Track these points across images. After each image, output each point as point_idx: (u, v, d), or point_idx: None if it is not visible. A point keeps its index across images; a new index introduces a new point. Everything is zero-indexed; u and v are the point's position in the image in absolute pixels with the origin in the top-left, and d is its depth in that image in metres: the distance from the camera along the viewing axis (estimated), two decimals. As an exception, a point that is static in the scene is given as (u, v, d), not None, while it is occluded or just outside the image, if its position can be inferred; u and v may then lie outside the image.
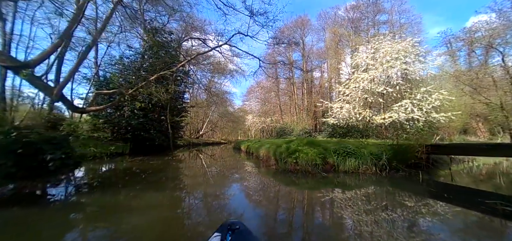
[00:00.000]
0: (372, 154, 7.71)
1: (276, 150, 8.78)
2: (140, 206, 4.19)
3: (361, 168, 7.19)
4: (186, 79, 18.87)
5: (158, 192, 5.27)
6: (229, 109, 42.48)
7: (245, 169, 9.06)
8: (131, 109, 14.04)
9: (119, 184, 6.08)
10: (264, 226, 3.41)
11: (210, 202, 4.69)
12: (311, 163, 7.35)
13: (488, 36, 19.21)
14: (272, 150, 9.11)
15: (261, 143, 12.84)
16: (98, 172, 8.00)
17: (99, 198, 4.69)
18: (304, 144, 8.30)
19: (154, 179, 6.62)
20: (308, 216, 3.87)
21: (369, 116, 17.52)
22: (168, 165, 9.14)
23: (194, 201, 4.87)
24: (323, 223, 3.61)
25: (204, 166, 9.89)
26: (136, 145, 14.10)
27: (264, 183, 6.58)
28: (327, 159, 7.78)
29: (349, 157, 7.68)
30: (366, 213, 3.74)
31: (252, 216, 3.82)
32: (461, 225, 3.41)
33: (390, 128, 19.08)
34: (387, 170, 7.04)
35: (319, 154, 7.74)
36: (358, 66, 19.59)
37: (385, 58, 16.55)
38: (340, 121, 19.60)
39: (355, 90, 18.25)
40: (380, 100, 17.57)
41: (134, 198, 4.74)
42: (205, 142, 33.52)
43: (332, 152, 7.91)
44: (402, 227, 3.24)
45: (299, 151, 7.77)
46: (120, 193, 5.10)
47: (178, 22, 23.22)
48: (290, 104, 40.19)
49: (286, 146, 8.38)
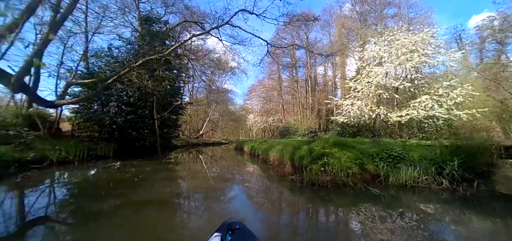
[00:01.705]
0: (425, 159, 5.48)
1: (293, 153, 6.51)
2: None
3: (421, 179, 4.91)
4: (181, 65, 16.52)
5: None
6: (230, 108, 40.22)
7: (253, 179, 6.80)
8: (118, 104, 11.76)
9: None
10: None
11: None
12: (346, 172, 5.11)
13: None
14: (288, 154, 6.83)
15: (270, 143, 10.56)
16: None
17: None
18: (331, 145, 6.06)
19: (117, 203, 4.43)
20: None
21: (384, 113, 15.27)
22: (152, 175, 6.90)
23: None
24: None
25: (201, 172, 7.65)
26: (123, 146, 11.83)
27: (289, 208, 4.32)
28: (365, 166, 5.54)
29: (396, 163, 5.45)
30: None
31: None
32: None
33: (404, 127, 17.04)
34: (457, 183, 4.78)
35: (355, 159, 5.49)
36: (370, 60, 17.38)
37: (401, 51, 14.39)
38: (350, 119, 17.41)
39: (367, 85, 16.03)
40: (395, 96, 15.42)
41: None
42: (205, 142, 31.20)
43: (372, 157, 5.67)
44: None
45: (327, 155, 5.52)
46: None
47: (176, 14, 21.03)
48: (293, 102, 37.88)
49: (307, 149, 6.11)
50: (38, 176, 6.16)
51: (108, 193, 4.73)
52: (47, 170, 7.01)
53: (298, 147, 6.64)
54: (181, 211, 3.94)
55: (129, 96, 12.11)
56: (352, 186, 4.81)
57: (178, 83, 16.99)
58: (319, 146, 6.11)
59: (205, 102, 32.82)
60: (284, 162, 7.05)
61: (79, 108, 12.29)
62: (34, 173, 6.34)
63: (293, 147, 6.89)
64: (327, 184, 4.98)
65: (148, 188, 5.00)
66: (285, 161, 7.01)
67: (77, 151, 8.67)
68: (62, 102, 8.28)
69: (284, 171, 6.56)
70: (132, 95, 12.14)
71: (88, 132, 12.84)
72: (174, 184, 5.83)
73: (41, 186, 5.27)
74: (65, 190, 5.21)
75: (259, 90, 41.83)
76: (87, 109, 11.91)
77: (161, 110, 14.97)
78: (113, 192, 4.79)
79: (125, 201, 4.15)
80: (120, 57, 13.47)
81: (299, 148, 6.41)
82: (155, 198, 4.39)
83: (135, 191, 4.72)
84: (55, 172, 7.07)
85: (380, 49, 15.98)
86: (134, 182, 5.54)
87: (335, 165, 5.24)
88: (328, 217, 3.62)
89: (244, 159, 12.38)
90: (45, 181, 5.91)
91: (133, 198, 4.31)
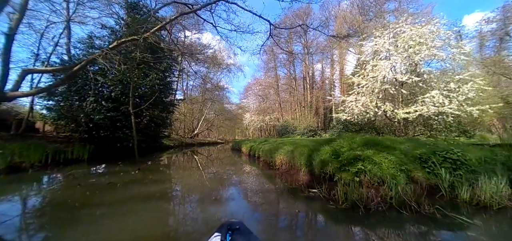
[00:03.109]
0: (488, 162, 3.92)
1: (310, 156, 4.83)
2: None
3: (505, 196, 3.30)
4: (171, 58, 14.63)
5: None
6: (226, 106, 38.40)
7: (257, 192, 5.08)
8: (97, 99, 9.88)
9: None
10: None
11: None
12: (391, 184, 3.48)
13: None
14: (302, 157, 5.13)
15: (273, 143, 8.83)
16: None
17: None
18: (361, 145, 4.44)
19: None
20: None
21: (390, 110, 13.84)
22: (108, 193, 4.45)
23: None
24: None
25: (188, 181, 5.93)
26: (103, 147, 9.97)
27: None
28: (412, 175, 3.92)
29: (454, 169, 3.86)
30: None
31: None
32: None
33: (410, 124, 15.10)
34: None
35: (399, 164, 3.88)
36: (374, 55, 15.98)
37: (408, 43, 13.07)
38: (354, 117, 15.97)
39: (372, 80, 14.60)
40: (402, 91, 14.08)
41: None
42: (200, 142, 29.30)
43: (421, 161, 4.06)
44: None
45: (360, 160, 3.90)
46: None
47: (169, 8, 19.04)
48: (291, 100, 36.26)
49: (330, 150, 4.44)
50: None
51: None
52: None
53: (315, 148, 4.97)
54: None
55: (109, 90, 10.25)
56: (416, 209, 3.09)
57: (169, 77, 15.10)
58: (345, 146, 4.46)
59: (200, 100, 30.91)
60: (296, 168, 5.38)
61: (54, 104, 10.39)
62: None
63: (308, 149, 5.20)
64: (374, 205, 3.23)
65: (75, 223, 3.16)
66: (296, 166, 5.35)
67: (37, 155, 6.81)
68: (15, 95, 6.42)
69: (298, 180, 4.89)
70: (114, 89, 10.28)
71: (67, 132, 10.96)
72: (136, 207, 3.80)
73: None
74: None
75: (255, 88, 40.17)
76: (64, 104, 9.97)
77: (151, 107, 13.14)
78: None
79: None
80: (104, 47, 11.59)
81: (318, 150, 4.74)
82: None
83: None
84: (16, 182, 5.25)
85: (385, 42, 14.52)
86: (71, 207, 3.73)
87: (376, 173, 3.62)
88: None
89: (242, 160, 10.69)
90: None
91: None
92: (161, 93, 13.73)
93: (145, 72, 11.61)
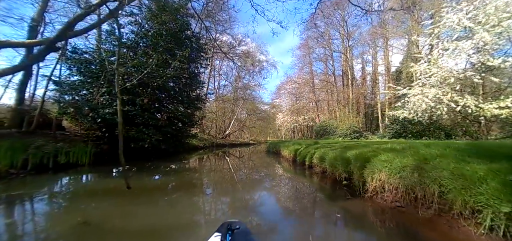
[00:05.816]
0: None
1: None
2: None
3: None
4: (199, 47, 12.18)
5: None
6: (258, 106, 35.66)
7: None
8: (108, 90, 7.82)
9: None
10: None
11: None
12: None
13: None
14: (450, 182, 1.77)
15: (338, 149, 5.44)
16: None
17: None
18: None
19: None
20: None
21: (474, 105, 9.25)
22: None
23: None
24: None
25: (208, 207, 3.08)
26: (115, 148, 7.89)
27: None
28: None
29: None
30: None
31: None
32: None
33: (493, 124, 11.23)
34: None
35: None
36: (446, 36, 11.19)
37: (498, 16, 8.41)
38: (419, 114, 11.34)
39: (446, 68, 10.20)
40: (493, 79, 9.41)
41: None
42: (232, 143, 27.02)
43: None
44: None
45: None
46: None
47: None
48: (328, 99, 31.83)
49: None
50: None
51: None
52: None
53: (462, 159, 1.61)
54: None
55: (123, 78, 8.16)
56: None
57: (197, 69, 12.76)
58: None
59: (231, 99, 28.71)
60: (411, 199, 2.07)
61: (71, 99, 8.71)
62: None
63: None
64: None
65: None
66: (415, 195, 2.02)
67: (6, 159, 4.74)
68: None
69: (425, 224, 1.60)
70: (128, 76, 8.18)
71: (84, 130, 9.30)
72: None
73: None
74: None
75: (288, 87, 36.58)
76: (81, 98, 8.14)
77: (174, 102, 10.90)
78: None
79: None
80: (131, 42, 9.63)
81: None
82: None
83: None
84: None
85: (463, 17, 9.62)
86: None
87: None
88: None
89: (284, 168, 7.58)
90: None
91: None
92: (186, 86, 11.41)
93: (167, 60, 9.34)
